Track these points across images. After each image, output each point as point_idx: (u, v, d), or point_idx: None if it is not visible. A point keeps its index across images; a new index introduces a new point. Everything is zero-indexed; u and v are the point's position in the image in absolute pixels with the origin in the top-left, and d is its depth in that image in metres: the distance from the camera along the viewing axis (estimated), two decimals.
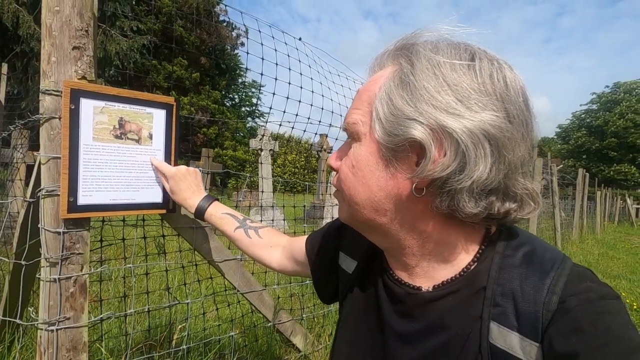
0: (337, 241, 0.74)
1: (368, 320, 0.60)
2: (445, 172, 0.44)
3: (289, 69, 1.81)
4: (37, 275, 1.12)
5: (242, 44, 24.56)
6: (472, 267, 0.51)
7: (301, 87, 1.86)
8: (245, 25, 1.86)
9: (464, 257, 0.52)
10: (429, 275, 0.53)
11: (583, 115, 40.19)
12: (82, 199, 1.10)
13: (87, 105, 1.09)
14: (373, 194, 0.50)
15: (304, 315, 2.07)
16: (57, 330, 1.09)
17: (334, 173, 0.58)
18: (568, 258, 0.49)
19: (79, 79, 1.09)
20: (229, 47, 25.60)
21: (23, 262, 1.18)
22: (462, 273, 0.51)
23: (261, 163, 7.38)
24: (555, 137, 46.29)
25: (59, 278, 1.09)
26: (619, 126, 34.41)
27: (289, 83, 1.82)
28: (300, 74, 1.87)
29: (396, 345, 0.55)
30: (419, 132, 0.44)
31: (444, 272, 0.52)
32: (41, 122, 1.07)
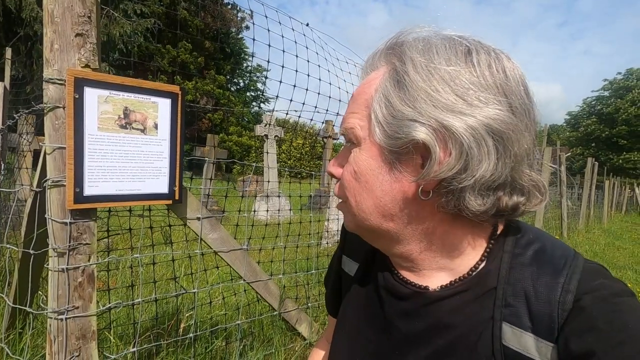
0: (341, 247, 0.73)
1: (370, 320, 0.59)
2: (452, 172, 0.42)
3: (296, 56, 1.77)
4: (45, 265, 1.13)
5: (247, 28, 24.21)
6: (481, 266, 0.50)
7: (308, 75, 1.82)
8: (250, 10, 1.81)
9: (472, 256, 0.51)
10: (436, 275, 0.52)
11: (594, 102, 39.37)
12: (88, 190, 1.09)
13: (91, 95, 1.07)
14: (378, 199, 0.49)
15: (309, 304, 2.09)
16: (66, 319, 1.10)
17: (334, 181, 0.56)
18: (579, 254, 0.48)
19: (82, 67, 1.07)
20: (233, 31, 25.24)
21: (31, 252, 1.19)
22: (470, 272, 0.50)
23: (267, 152, 7.34)
24: (565, 124, 45.53)
25: (67, 268, 1.09)
26: (631, 113, 33.69)
27: (296, 71, 1.78)
28: (308, 61, 1.82)
29: (401, 345, 0.54)
30: (422, 133, 0.43)
31: (452, 272, 0.51)
32: (45, 111, 1.05)
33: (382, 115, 0.46)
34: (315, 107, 1.95)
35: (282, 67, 1.76)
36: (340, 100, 2.04)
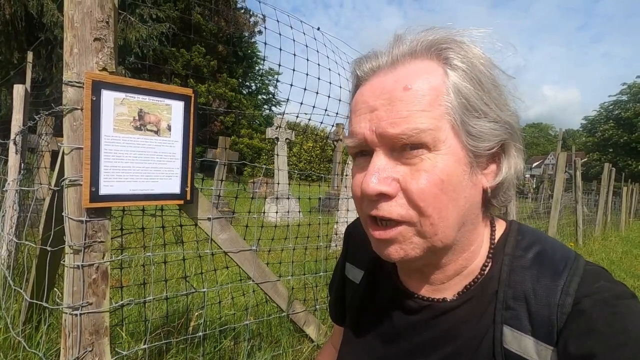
0: (344, 254, 0.72)
1: (377, 331, 0.59)
2: (515, 168, 0.48)
3: (307, 60, 1.79)
4: (61, 261, 1.16)
5: (260, 32, 24.46)
6: (486, 270, 0.50)
7: (319, 79, 1.84)
8: (263, 15, 1.84)
9: (481, 256, 0.51)
10: (446, 287, 0.52)
11: (611, 107, 38.39)
12: (104, 189, 1.13)
13: (108, 97, 1.10)
14: (461, 208, 0.45)
15: (317, 306, 2.09)
16: (80, 314, 1.13)
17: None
18: (580, 257, 0.48)
19: (100, 70, 1.10)
20: (246, 35, 25.54)
21: (48, 248, 1.23)
22: (476, 279, 0.50)
23: (277, 155, 7.40)
24: (581, 129, 44.56)
25: (82, 265, 1.12)
26: None
27: (307, 74, 1.80)
28: (318, 64, 1.84)
29: (408, 355, 0.54)
30: (503, 134, 0.46)
31: (463, 281, 0.51)
32: (64, 113, 1.09)
33: (467, 116, 0.43)
34: (326, 110, 1.97)
35: (293, 70, 1.78)
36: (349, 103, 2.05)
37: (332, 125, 2.24)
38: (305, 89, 1.84)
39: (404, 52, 0.46)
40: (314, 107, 1.89)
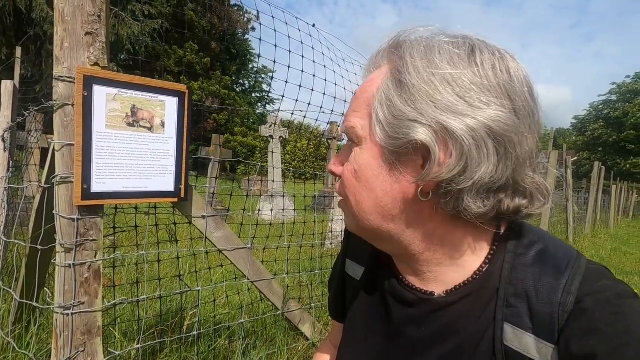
0: (344, 250, 0.72)
1: (377, 326, 0.59)
2: (451, 173, 0.42)
3: (302, 57, 1.78)
4: (52, 260, 1.14)
5: (253, 29, 24.35)
6: (485, 269, 0.50)
7: (314, 76, 1.83)
8: (257, 10, 1.82)
9: (475, 259, 0.50)
10: (440, 279, 0.52)
11: (601, 106, 38.99)
12: (96, 187, 1.11)
13: (100, 93, 1.08)
14: (378, 200, 0.48)
15: (312, 304, 2.09)
16: (72, 314, 1.11)
17: (333, 179, 0.57)
18: (582, 255, 0.48)
19: (91, 65, 1.08)
20: (239, 32, 25.39)
21: (39, 247, 1.20)
22: (474, 276, 0.50)
23: (271, 152, 7.37)
24: (571, 128, 45.19)
25: (73, 264, 1.10)
26: (639, 118, 33.34)
27: (302, 71, 1.79)
28: (314, 61, 1.83)
29: (408, 352, 0.53)
30: (421, 134, 0.42)
31: (456, 276, 0.51)
32: (55, 108, 1.07)
33: (382, 115, 0.46)
34: (321, 107, 1.96)
35: (289, 67, 1.77)
36: (345, 101, 2.05)
37: (327, 123, 2.24)
38: (300, 86, 1.83)
39: (370, 65, 0.53)
40: (309, 104, 1.88)
